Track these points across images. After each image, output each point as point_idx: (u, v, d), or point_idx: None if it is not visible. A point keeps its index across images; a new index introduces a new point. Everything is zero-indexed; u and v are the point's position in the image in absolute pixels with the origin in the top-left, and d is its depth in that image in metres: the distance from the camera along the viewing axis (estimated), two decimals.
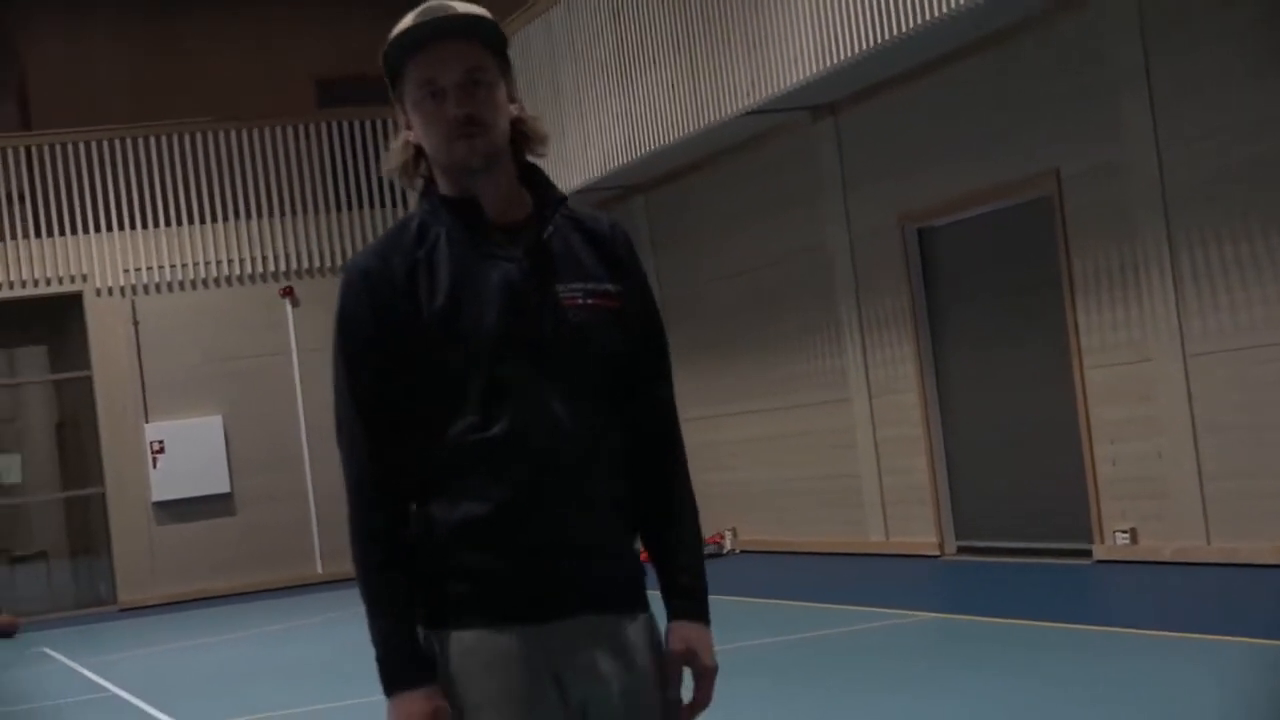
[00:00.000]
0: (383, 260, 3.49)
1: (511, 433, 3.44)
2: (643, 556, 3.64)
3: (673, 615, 3.61)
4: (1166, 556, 13.50)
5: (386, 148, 3.70)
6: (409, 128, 3.56)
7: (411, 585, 3.46)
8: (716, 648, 3.63)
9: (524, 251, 3.50)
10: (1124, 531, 13.92)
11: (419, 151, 3.57)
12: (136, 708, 12.78)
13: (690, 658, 3.57)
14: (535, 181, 3.60)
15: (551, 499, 3.45)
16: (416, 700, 3.40)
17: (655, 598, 3.64)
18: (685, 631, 3.58)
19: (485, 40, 3.53)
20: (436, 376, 3.45)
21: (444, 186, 3.55)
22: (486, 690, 3.45)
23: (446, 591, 3.46)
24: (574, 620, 3.48)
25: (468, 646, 3.45)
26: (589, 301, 3.52)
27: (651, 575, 3.66)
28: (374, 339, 3.47)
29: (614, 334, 3.55)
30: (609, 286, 3.56)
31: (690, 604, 3.60)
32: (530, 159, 3.63)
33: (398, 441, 3.47)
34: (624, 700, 3.51)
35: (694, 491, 3.71)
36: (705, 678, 3.59)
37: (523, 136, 3.59)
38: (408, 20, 3.52)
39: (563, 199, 3.60)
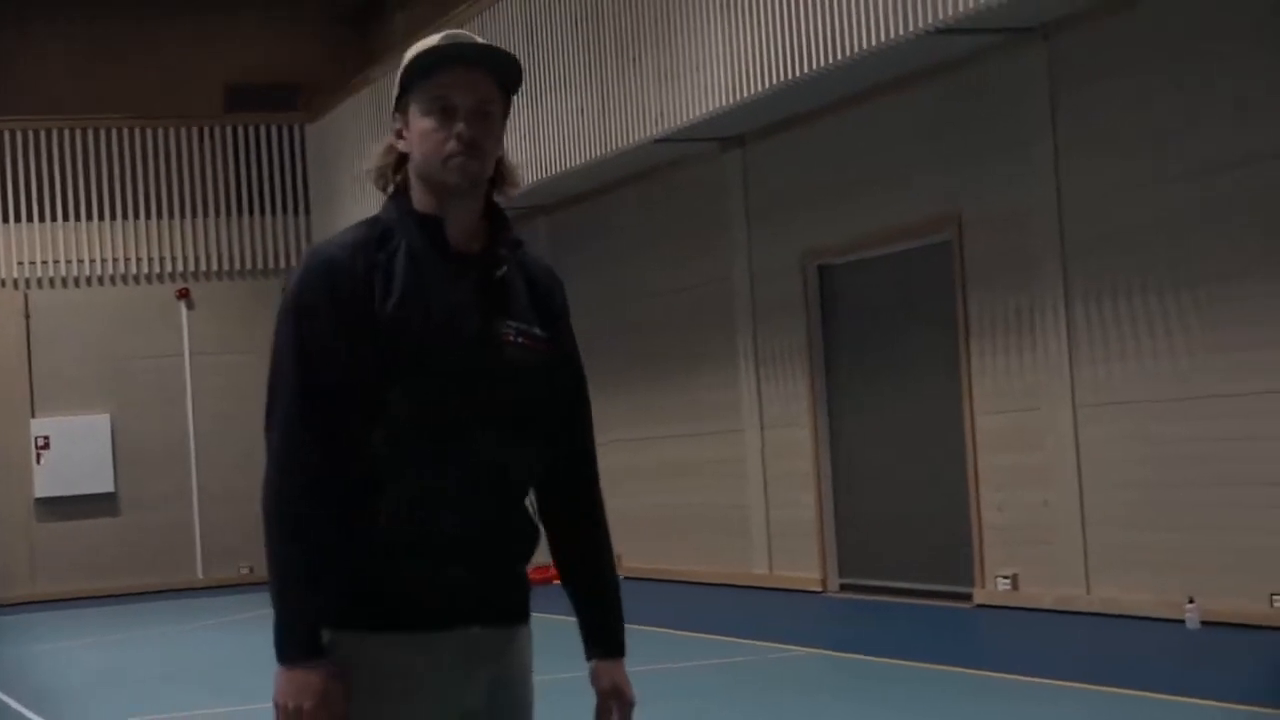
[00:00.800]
0: (347, 251, 3.59)
1: (435, 450, 3.55)
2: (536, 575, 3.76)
3: (595, 654, 3.81)
4: (1047, 604, 13.61)
5: (292, 154, 3.78)
6: (399, 137, 3.68)
7: (322, 576, 3.50)
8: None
9: (473, 283, 3.63)
10: (1006, 577, 14.03)
11: (400, 161, 3.68)
12: (9, 707, 12.63)
13: (616, 694, 3.79)
14: (495, 219, 3.72)
15: (466, 518, 3.57)
16: (314, 674, 3.46)
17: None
18: (610, 670, 3.80)
19: (501, 78, 3.68)
20: (372, 379, 3.53)
21: (417, 199, 3.66)
22: (383, 692, 3.54)
23: (354, 593, 3.54)
24: (469, 630, 3.60)
25: (367, 649, 3.53)
26: (520, 340, 3.65)
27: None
28: (328, 327, 3.54)
29: (539, 376, 3.69)
30: (538, 332, 3.70)
31: (613, 645, 3.82)
32: (496, 198, 3.75)
33: (333, 436, 3.52)
34: (499, 710, 3.68)
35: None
36: (627, 711, 3.81)
37: (498, 174, 3.72)
38: (435, 39, 3.66)
39: (519, 242, 3.74)
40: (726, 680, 11.78)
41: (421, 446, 3.53)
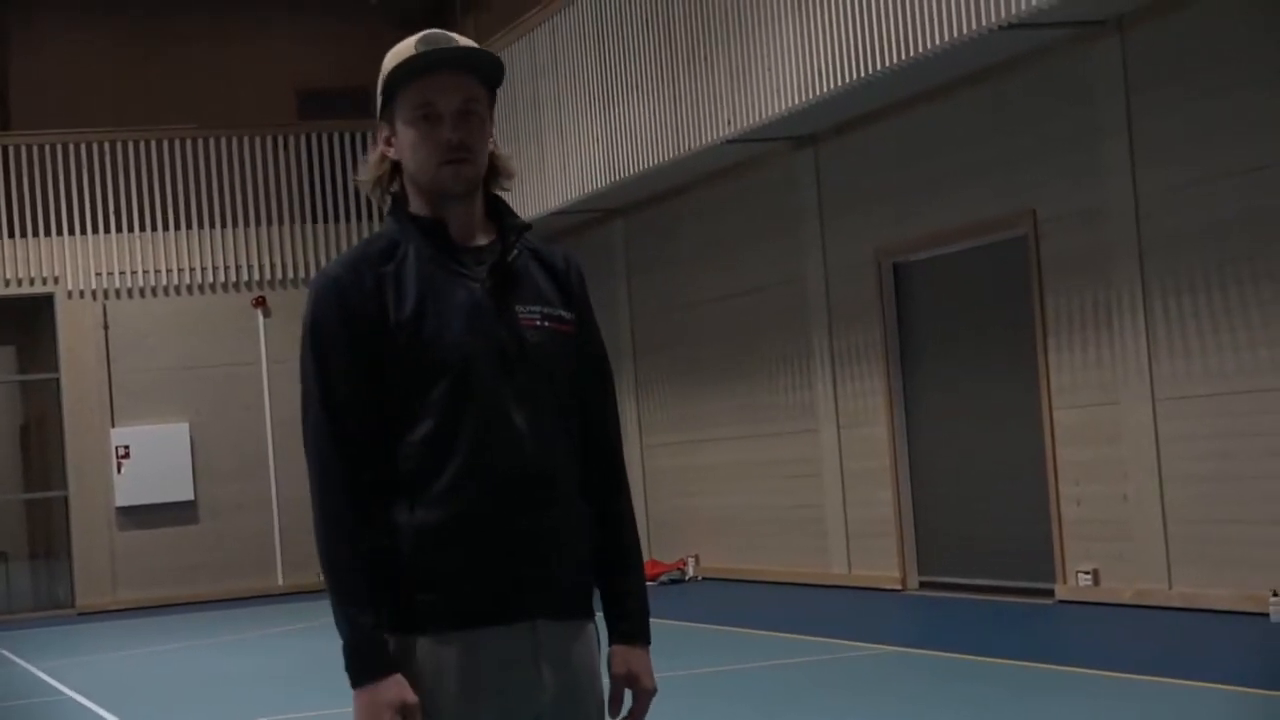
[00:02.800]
0: (353, 271, 3.61)
1: (475, 441, 3.55)
2: None
3: (615, 638, 3.76)
4: (1128, 599, 13.53)
5: (364, 160, 3.81)
6: (388, 145, 3.69)
7: (376, 584, 3.52)
8: (675, 673, 3.75)
9: (487, 272, 3.64)
10: (1086, 572, 13.96)
11: (395, 168, 3.70)
12: (92, 712, 12.73)
13: (631, 680, 3.73)
14: (498, 211, 3.74)
15: (512, 507, 3.57)
16: (388, 689, 3.46)
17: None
18: (627, 655, 3.73)
19: (483, 75, 3.69)
20: (401, 386, 3.56)
21: (415, 205, 3.69)
22: (449, 693, 3.53)
23: (408, 596, 3.54)
24: (530, 624, 3.59)
25: (430, 650, 3.53)
26: (546, 324, 3.67)
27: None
28: (344, 345, 3.57)
29: (568, 357, 3.70)
30: (564, 313, 3.72)
31: (633, 627, 3.75)
32: (495, 192, 3.77)
33: (364, 446, 3.55)
34: (572, 704, 3.65)
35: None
36: (643, 699, 3.74)
37: (492, 170, 3.73)
38: (411, 45, 3.65)
39: (526, 226, 3.75)
40: (806, 679, 11.76)
41: (461, 440, 3.54)
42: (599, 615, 3.76)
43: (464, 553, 3.53)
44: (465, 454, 3.54)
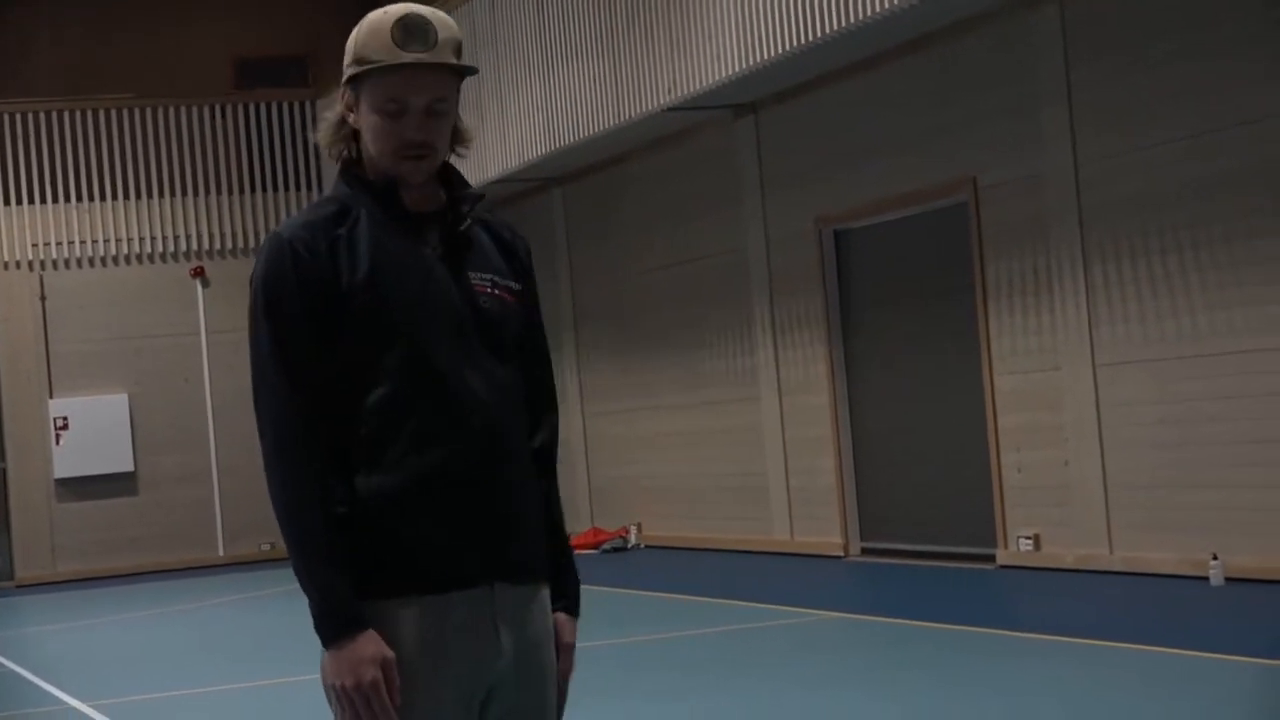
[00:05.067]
0: (306, 231, 3.59)
1: (432, 405, 3.55)
2: None
3: (561, 606, 3.81)
4: (1069, 564, 13.61)
5: (305, 130, 3.79)
6: (350, 109, 3.66)
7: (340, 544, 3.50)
8: (618, 640, 3.84)
9: (440, 238, 3.64)
10: (1028, 538, 14.03)
11: (354, 134, 3.68)
12: (32, 684, 12.67)
13: (568, 652, 3.81)
14: (449, 178, 3.73)
15: (469, 472, 3.57)
16: (365, 645, 3.44)
17: None
18: (573, 626, 3.81)
19: (455, 71, 3.66)
20: (355, 351, 3.54)
21: (369, 169, 3.67)
22: (408, 659, 3.50)
23: (366, 561, 3.52)
24: (489, 589, 3.59)
25: (388, 615, 3.50)
26: (496, 292, 3.67)
27: None
28: (300, 307, 3.54)
29: (515, 326, 3.71)
30: (512, 284, 3.72)
31: (576, 597, 3.84)
32: (452, 156, 3.77)
33: (321, 410, 3.53)
34: (528, 668, 3.66)
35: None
36: (567, 652, 3.81)
37: (451, 140, 3.73)
38: (387, 31, 3.58)
39: (479, 196, 3.75)
40: (749, 646, 11.78)
41: (417, 406, 3.53)
42: None
43: (421, 518, 3.52)
44: (421, 419, 3.53)
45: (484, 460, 3.57)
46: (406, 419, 3.53)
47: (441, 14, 3.68)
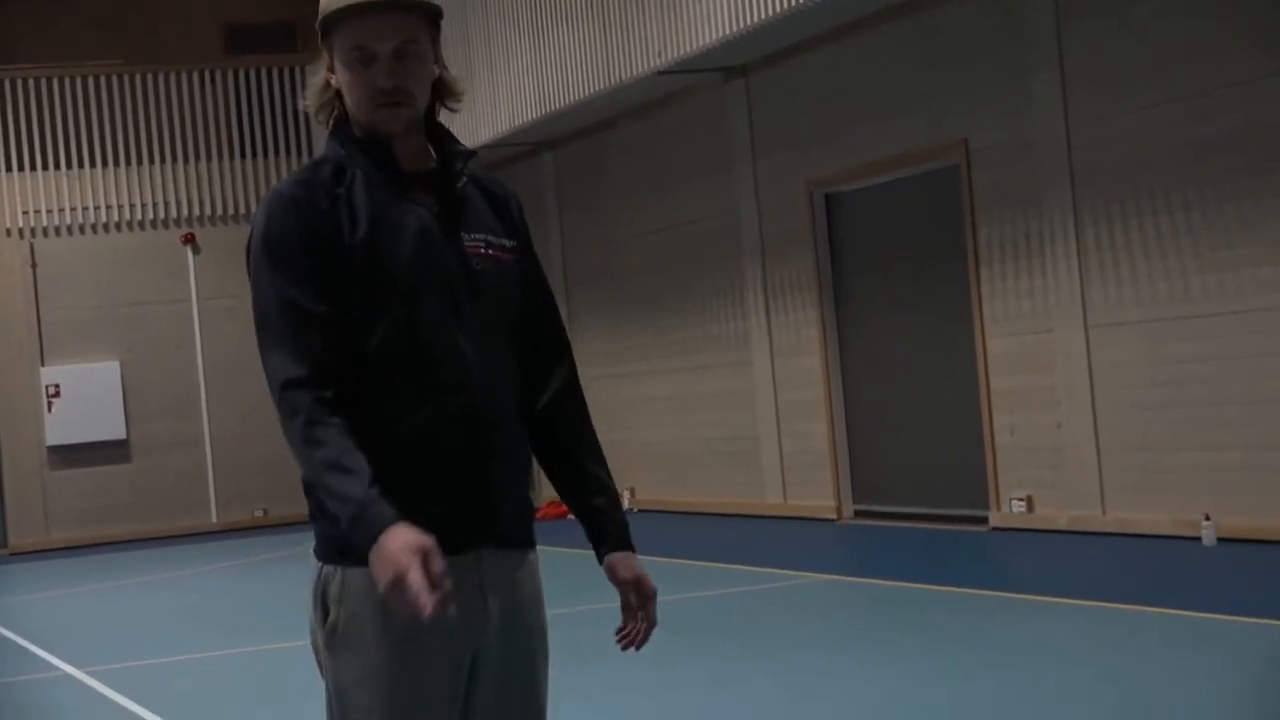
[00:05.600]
0: (308, 188, 3.57)
1: (422, 369, 3.53)
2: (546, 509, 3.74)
3: (610, 546, 3.76)
4: (1062, 525, 13.63)
5: (294, 96, 3.78)
6: (331, 70, 3.65)
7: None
8: (613, 604, 3.82)
9: (435, 199, 3.62)
10: (1020, 500, 14.04)
11: (339, 95, 3.66)
12: (27, 651, 12.68)
13: (640, 582, 3.76)
14: (440, 136, 3.72)
15: (459, 435, 3.55)
16: (400, 534, 3.28)
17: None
18: (629, 561, 3.76)
19: (422, 12, 3.63)
20: (354, 307, 3.52)
21: (358, 130, 3.65)
22: (398, 622, 3.46)
23: None
24: (475, 554, 3.58)
25: (373, 581, 3.37)
26: (490, 252, 3.65)
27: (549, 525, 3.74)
28: (306, 259, 3.51)
29: (512, 286, 3.70)
30: (506, 241, 3.71)
31: (625, 534, 3.78)
32: (445, 109, 3.75)
33: (328, 365, 3.47)
34: (516, 634, 3.65)
35: None
36: (651, 599, 3.80)
37: (439, 93, 3.71)
38: None
39: (471, 153, 3.73)
40: (743, 609, 11.80)
41: (409, 367, 3.52)
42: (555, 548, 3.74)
43: (408, 482, 3.48)
44: (413, 381, 3.52)
45: (470, 425, 3.55)
46: (394, 382, 3.51)
47: None
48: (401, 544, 3.26)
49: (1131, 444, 13.04)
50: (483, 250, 3.64)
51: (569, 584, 7.97)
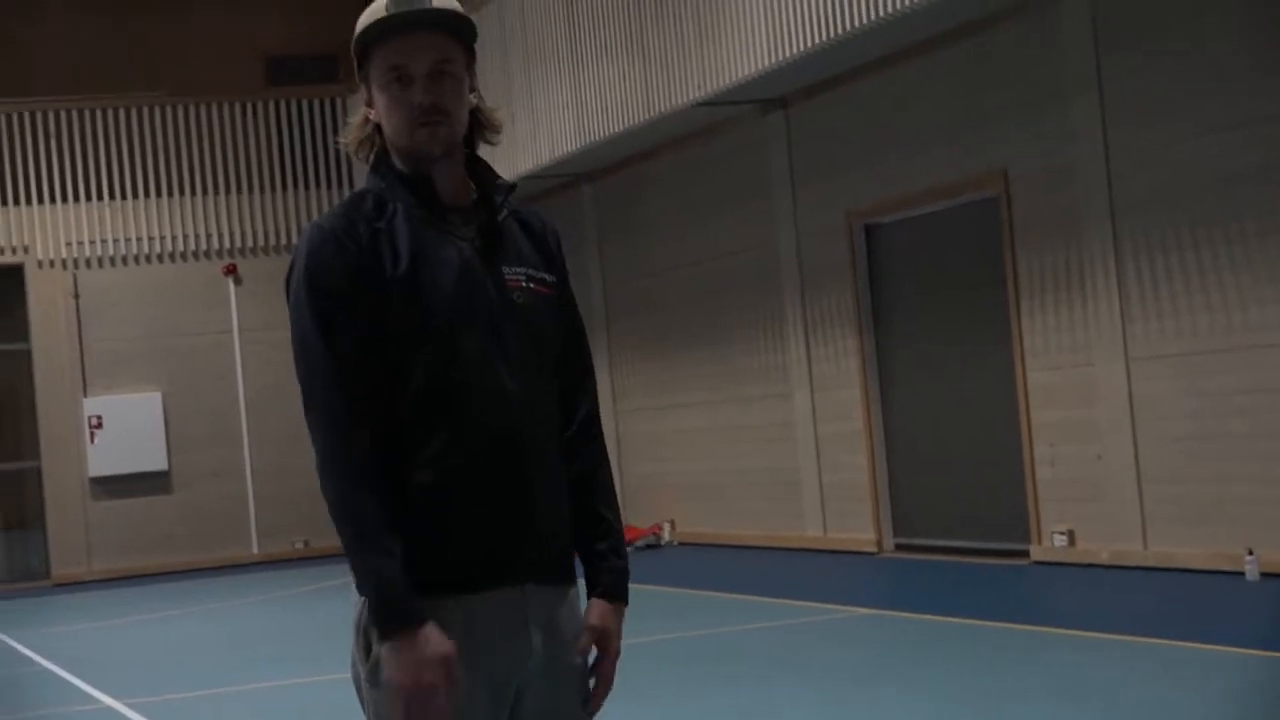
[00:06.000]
0: (348, 222, 3.57)
1: (463, 403, 3.53)
2: None
3: (597, 591, 3.73)
4: (1103, 559, 13.56)
5: (335, 127, 3.79)
6: (369, 105, 3.66)
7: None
8: (652, 637, 3.75)
9: (476, 231, 3.62)
10: (1062, 533, 13.98)
11: (378, 130, 3.66)
12: (68, 683, 12.71)
13: (604, 637, 3.69)
14: (480, 169, 3.72)
15: (500, 469, 3.55)
16: (427, 643, 3.37)
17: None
18: (604, 610, 3.70)
19: (457, 33, 3.63)
20: (394, 343, 3.52)
21: (398, 164, 3.65)
22: None
23: (403, 557, 3.47)
24: (519, 588, 3.57)
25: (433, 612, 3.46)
26: (530, 285, 3.66)
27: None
28: (344, 292, 3.52)
29: (551, 319, 3.70)
30: (546, 275, 3.71)
31: (614, 583, 3.72)
32: (485, 144, 3.76)
33: (367, 399, 3.50)
34: (557, 670, 3.63)
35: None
36: (609, 662, 3.70)
37: (478, 124, 3.72)
38: (382, 6, 3.60)
39: (512, 186, 3.73)
40: (783, 642, 11.76)
41: (450, 401, 3.52)
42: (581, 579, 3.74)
43: (454, 516, 3.50)
44: (454, 415, 3.52)
45: (512, 458, 3.55)
46: (438, 416, 3.52)
47: None
48: (431, 654, 3.36)
49: (1173, 477, 12.97)
50: (523, 284, 3.64)
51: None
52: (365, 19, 3.62)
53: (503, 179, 3.73)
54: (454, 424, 3.51)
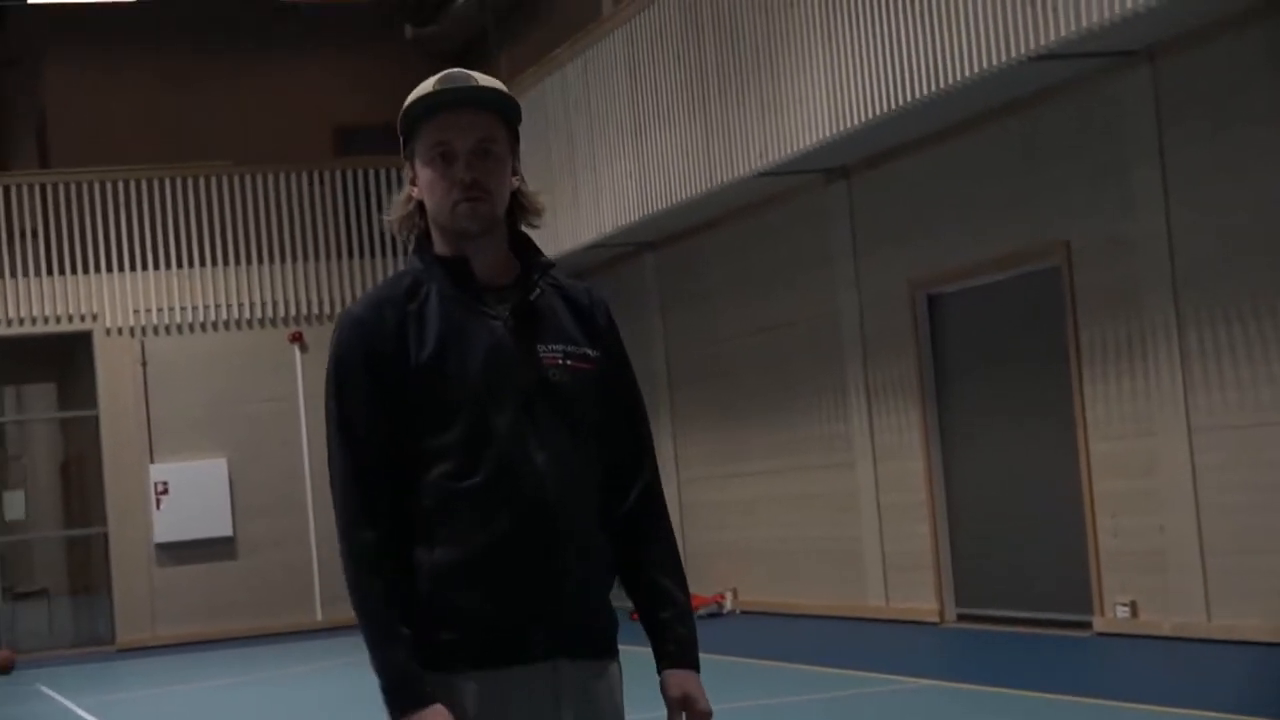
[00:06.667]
0: (376, 310, 3.65)
1: (494, 480, 3.57)
2: (632, 616, 3.74)
3: (667, 663, 3.73)
4: (1166, 631, 13.47)
5: (393, 201, 3.83)
6: (414, 184, 3.72)
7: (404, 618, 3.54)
8: (715, 707, 3.75)
9: (510, 311, 3.66)
10: (1124, 605, 13.90)
11: (420, 208, 3.72)
12: None
13: (688, 704, 3.69)
14: (523, 248, 3.76)
15: (532, 547, 3.57)
16: (436, 715, 3.47)
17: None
18: (681, 679, 3.70)
19: (502, 114, 3.69)
20: (422, 425, 3.58)
21: (439, 245, 3.71)
22: None
23: (427, 635, 3.56)
24: (551, 665, 3.59)
25: (449, 690, 3.53)
26: (568, 363, 3.68)
27: (634, 627, 3.74)
28: (364, 382, 3.60)
29: (590, 396, 3.71)
30: (588, 351, 3.72)
31: (682, 651, 3.73)
32: (523, 229, 3.79)
33: (385, 483, 3.58)
34: None
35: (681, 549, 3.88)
36: (676, 707, 3.70)
37: (520, 207, 3.75)
38: (430, 84, 3.68)
39: (550, 264, 3.77)
40: (845, 713, 11.73)
41: (480, 480, 3.55)
42: (643, 649, 3.76)
43: (483, 592, 3.54)
44: (484, 493, 3.56)
45: (545, 536, 3.57)
46: (468, 495, 3.56)
47: (490, 77, 3.73)
48: None
49: (1236, 549, 12.89)
50: (560, 361, 3.67)
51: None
52: (413, 96, 3.69)
53: (543, 257, 3.76)
54: (484, 502, 3.56)
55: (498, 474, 3.55)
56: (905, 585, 16.75)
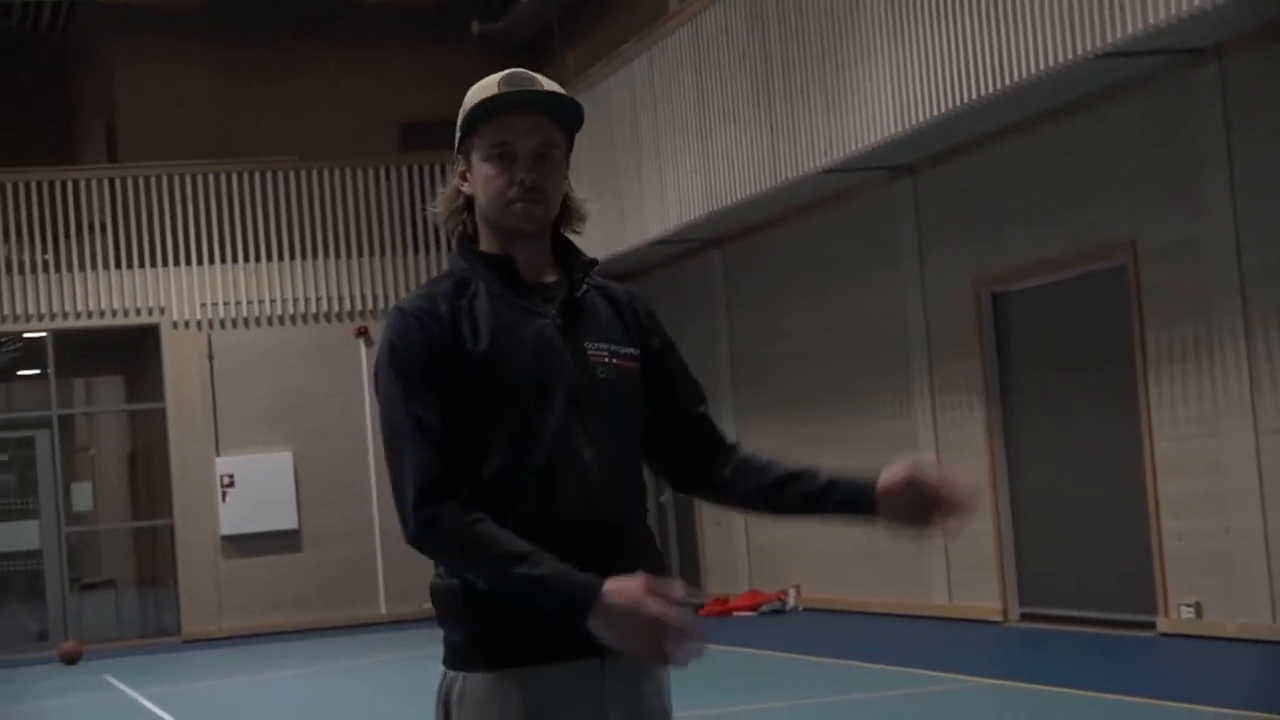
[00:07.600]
0: (429, 301, 3.65)
1: (544, 477, 3.58)
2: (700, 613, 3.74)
3: (866, 482, 3.82)
4: (1230, 632, 13.41)
5: (441, 193, 3.86)
6: (463, 179, 3.76)
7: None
8: (777, 704, 3.78)
9: (557, 309, 3.68)
10: (1189, 605, 13.84)
11: (469, 203, 3.76)
12: None
13: (917, 467, 3.81)
14: (564, 250, 3.78)
15: (580, 543, 3.55)
16: (613, 593, 3.40)
17: None
18: (891, 473, 3.80)
19: (563, 120, 3.71)
20: (474, 419, 3.58)
21: (485, 241, 3.74)
22: None
23: (476, 632, 3.57)
24: (598, 662, 3.58)
25: (495, 687, 3.54)
26: (613, 361, 3.70)
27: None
28: (428, 368, 3.58)
29: (635, 394, 3.74)
30: (630, 350, 3.74)
31: (854, 474, 3.83)
32: (565, 233, 3.81)
33: (452, 476, 3.55)
34: None
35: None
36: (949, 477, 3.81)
37: (566, 212, 3.77)
38: (495, 84, 3.70)
39: (593, 263, 3.79)
40: (907, 712, 11.73)
41: (531, 476, 3.56)
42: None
43: None
44: (534, 489, 3.57)
45: (593, 533, 3.58)
46: (518, 490, 3.56)
47: (553, 82, 3.74)
48: (636, 584, 3.38)
49: None
50: (606, 359, 3.69)
51: (698, 685, 7.96)
52: (476, 94, 3.71)
53: (585, 256, 3.79)
54: (534, 498, 3.56)
55: (548, 471, 3.57)
56: (968, 584, 16.71)
